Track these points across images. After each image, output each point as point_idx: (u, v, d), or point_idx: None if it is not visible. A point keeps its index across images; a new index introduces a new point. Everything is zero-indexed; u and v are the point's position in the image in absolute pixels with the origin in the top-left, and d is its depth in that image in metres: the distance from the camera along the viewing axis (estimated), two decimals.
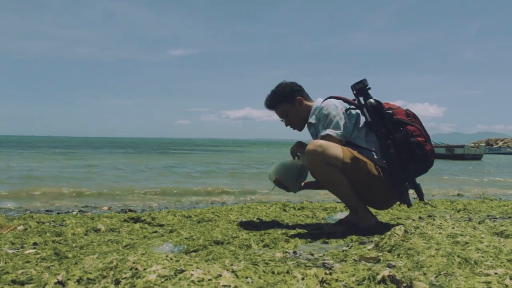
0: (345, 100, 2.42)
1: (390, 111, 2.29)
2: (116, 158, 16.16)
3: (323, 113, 2.36)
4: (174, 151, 28.15)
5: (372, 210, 2.53)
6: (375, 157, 2.30)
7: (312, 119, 2.49)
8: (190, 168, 11.17)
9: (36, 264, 1.50)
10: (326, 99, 2.47)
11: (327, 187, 2.37)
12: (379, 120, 2.26)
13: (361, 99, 2.32)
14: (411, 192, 2.27)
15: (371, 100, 2.26)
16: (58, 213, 3.46)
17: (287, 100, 2.54)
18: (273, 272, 1.26)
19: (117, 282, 1.05)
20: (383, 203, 2.43)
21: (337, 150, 2.22)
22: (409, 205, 2.27)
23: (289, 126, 2.62)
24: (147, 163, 12.91)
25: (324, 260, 1.59)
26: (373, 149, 2.31)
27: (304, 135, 2.76)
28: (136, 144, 46.53)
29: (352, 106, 2.37)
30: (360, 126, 2.36)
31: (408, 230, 1.73)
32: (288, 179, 2.50)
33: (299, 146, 2.55)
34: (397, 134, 2.24)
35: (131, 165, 11.58)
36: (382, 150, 2.27)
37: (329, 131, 2.31)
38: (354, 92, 2.32)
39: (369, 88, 2.29)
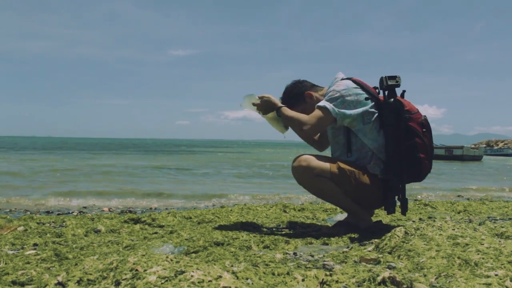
0: (363, 88, 2.27)
1: (406, 116, 2.18)
2: (116, 159, 16.16)
3: (332, 88, 2.26)
4: (174, 151, 28.14)
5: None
6: (371, 163, 2.24)
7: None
8: (190, 168, 11.17)
9: (37, 265, 1.50)
10: (346, 78, 2.33)
11: (319, 197, 2.35)
12: (394, 122, 2.18)
13: (385, 93, 2.22)
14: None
15: (395, 101, 2.17)
16: (58, 214, 3.46)
17: (298, 101, 2.46)
18: (273, 273, 1.26)
19: (117, 283, 1.05)
20: (368, 209, 2.41)
21: (322, 160, 2.21)
22: (391, 212, 2.26)
23: None
24: (147, 163, 12.91)
25: (324, 261, 1.59)
26: (373, 147, 2.24)
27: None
28: (136, 145, 46.50)
29: (368, 96, 2.24)
30: (368, 119, 2.23)
31: (409, 232, 1.73)
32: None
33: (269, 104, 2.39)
34: (404, 145, 2.17)
35: (130, 166, 11.58)
36: (386, 152, 2.22)
37: (327, 104, 2.20)
38: (383, 86, 2.20)
39: (399, 86, 2.20)
